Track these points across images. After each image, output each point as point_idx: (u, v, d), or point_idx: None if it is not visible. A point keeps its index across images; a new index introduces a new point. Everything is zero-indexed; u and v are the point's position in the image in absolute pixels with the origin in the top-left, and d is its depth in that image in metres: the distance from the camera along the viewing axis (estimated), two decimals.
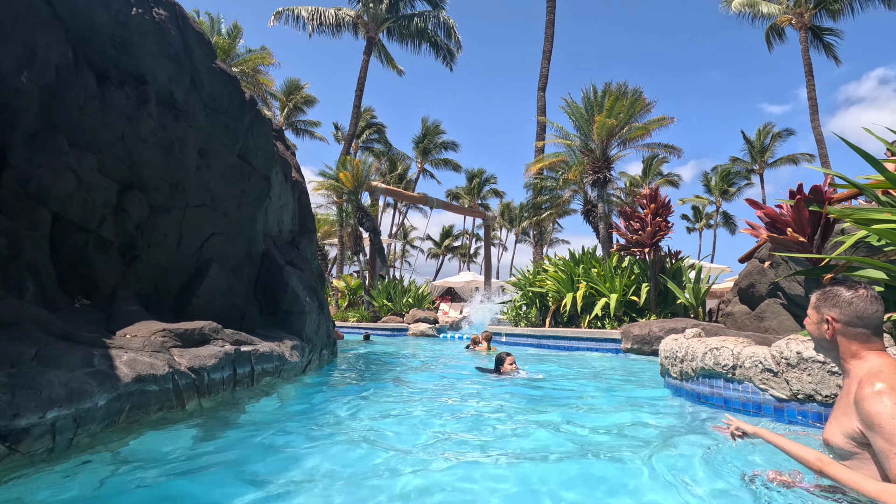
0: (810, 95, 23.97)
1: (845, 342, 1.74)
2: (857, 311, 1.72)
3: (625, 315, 9.71)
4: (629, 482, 2.01)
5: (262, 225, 5.58)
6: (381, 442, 2.61)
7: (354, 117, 22.67)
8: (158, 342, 3.18)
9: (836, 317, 1.74)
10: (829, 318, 1.76)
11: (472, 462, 2.23)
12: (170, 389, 2.89)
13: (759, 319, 8.09)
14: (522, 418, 3.25)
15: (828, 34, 26.22)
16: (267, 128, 5.55)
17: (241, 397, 3.60)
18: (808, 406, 2.86)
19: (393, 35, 24.37)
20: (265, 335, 4.64)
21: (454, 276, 37.61)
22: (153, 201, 4.25)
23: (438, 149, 44.71)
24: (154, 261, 4.25)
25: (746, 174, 42.68)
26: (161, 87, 4.35)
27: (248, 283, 5.29)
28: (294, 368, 4.63)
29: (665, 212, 9.41)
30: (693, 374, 3.56)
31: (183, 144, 4.48)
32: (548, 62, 17.31)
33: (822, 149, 23.12)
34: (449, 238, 60.21)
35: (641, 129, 11.07)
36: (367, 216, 16.85)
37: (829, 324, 1.76)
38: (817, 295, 1.82)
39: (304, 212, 7.39)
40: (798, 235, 3.46)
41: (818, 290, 1.84)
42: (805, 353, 2.86)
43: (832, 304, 1.77)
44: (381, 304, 16.07)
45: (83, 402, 2.21)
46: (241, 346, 3.84)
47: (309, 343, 5.31)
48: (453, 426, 3.01)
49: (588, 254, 10.71)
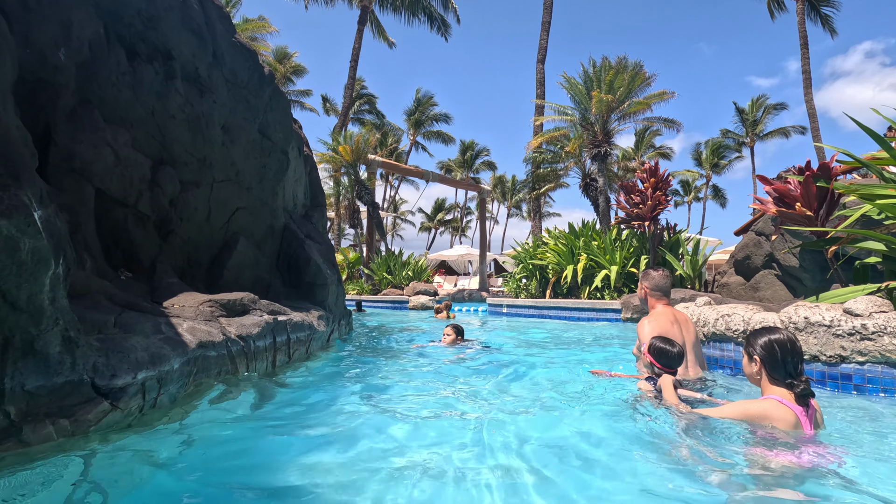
0: (805, 68, 24.07)
1: (650, 299, 3.33)
2: (656, 282, 3.28)
3: (624, 286, 10.04)
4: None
5: (281, 200, 5.70)
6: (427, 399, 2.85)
7: (349, 88, 22.36)
8: (207, 312, 3.35)
9: (647, 285, 3.33)
10: (644, 286, 3.35)
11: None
12: (225, 355, 3.08)
13: (755, 290, 8.46)
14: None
15: (825, 5, 26.15)
16: (285, 102, 5.61)
17: (280, 364, 3.82)
18: (813, 366, 3.14)
19: (386, 5, 23.83)
20: (292, 306, 4.83)
21: (448, 250, 37.89)
22: (183, 177, 4.34)
23: (431, 121, 44.26)
24: (186, 235, 4.38)
25: (737, 147, 43.00)
26: (186, 63, 4.39)
27: (270, 256, 5.45)
28: (321, 338, 4.85)
29: (665, 186, 9.63)
30: (704, 339, 3.83)
31: (209, 120, 4.54)
32: (547, 33, 17.14)
33: (815, 122, 23.40)
34: (441, 211, 60.20)
35: (642, 104, 11.17)
36: (366, 189, 16.88)
37: (644, 289, 3.36)
38: (642, 274, 3.40)
39: (314, 186, 7.49)
40: (806, 210, 3.70)
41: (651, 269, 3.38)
42: (812, 318, 3.13)
43: (645, 278, 3.36)
44: (381, 277, 16.28)
45: (163, 365, 2.40)
46: (277, 315, 4.03)
47: (331, 313, 5.52)
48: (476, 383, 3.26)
49: (589, 227, 10.95)
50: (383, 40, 25.27)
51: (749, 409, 2.05)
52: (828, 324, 3.06)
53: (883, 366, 2.89)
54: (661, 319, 3.09)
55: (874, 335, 2.89)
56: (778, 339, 2.08)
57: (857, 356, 2.96)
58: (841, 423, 2.34)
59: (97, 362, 2.09)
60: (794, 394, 1.98)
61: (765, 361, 2.09)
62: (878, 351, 2.88)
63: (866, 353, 2.92)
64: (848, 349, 2.99)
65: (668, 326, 3.02)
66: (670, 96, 10.85)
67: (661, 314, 3.15)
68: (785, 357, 2.04)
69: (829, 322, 3.06)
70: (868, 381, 2.94)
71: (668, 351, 2.63)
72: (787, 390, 2.01)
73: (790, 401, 1.98)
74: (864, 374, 2.95)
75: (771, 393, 2.05)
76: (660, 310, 3.20)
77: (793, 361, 2.03)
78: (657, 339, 2.70)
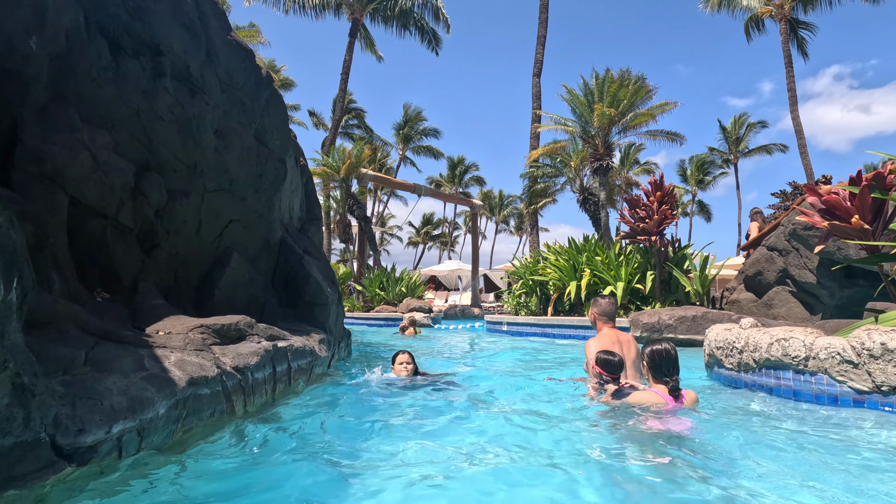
0: (790, 86, 24.45)
1: (599, 323, 3.85)
2: (603, 308, 3.86)
3: (630, 303, 9.71)
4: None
5: (278, 212, 5.25)
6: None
7: (339, 101, 22.03)
8: (199, 339, 2.88)
9: (596, 311, 3.89)
10: (594, 312, 3.91)
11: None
12: (220, 392, 2.61)
13: (768, 307, 8.18)
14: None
15: (803, 28, 26.72)
16: (283, 107, 5.20)
17: (279, 397, 3.34)
18: (893, 398, 2.79)
19: (377, 17, 23.69)
20: (291, 329, 4.36)
21: (438, 265, 37.51)
22: (171, 185, 3.89)
23: (420, 136, 44.16)
24: (174, 250, 3.91)
25: (723, 163, 43.64)
26: (176, 60, 3.97)
27: (266, 273, 4.98)
28: (323, 363, 4.38)
29: (671, 199, 9.39)
30: (755, 365, 3.46)
31: (200, 123, 4.11)
32: (542, 47, 17.07)
33: (801, 139, 23.69)
34: (429, 226, 59.92)
35: (646, 115, 10.99)
36: (358, 203, 16.43)
37: (593, 314, 3.91)
38: (592, 301, 3.98)
39: (310, 198, 7.05)
40: (862, 223, 3.38)
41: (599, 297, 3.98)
42: (890, 345, 2.78)
43: (595, 305, 3.94)
44: (374, 294, 15.76)
45: (146, 411, 1.93)
46: (276, 341, 3.56)
47: (332, 336, 5.05)
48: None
49: (592, 242, 10.65)
50: (372, 53, 25.07)
51: (641, 397, 2.85)
52: None
53: None
54: (605, 340, 3.65)
55: None
56: (657, 350, 2.86)
57: None
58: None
59: (60, 414, 1.62)
60: (668, 388, 2.79)
61: (649, 366, 2.89)
62: None
63: None
64: None
65: (611, 345, 3.56)
66: (673, 106, 10.68)
67: (606, 335, 3.71)
68: (661, 363, 2.83)
69: None
70: None
71: (611, 360, 3.20)
72: (664, 386, 2.81)
73: (665, 392, 2.79)
74: None
75: (654, 386, 2.87)
76: (605, 331, 3.77)
77: (667, 367, 2.82)
78: (601, 353, 3.28)
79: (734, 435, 2.49)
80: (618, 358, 3.20)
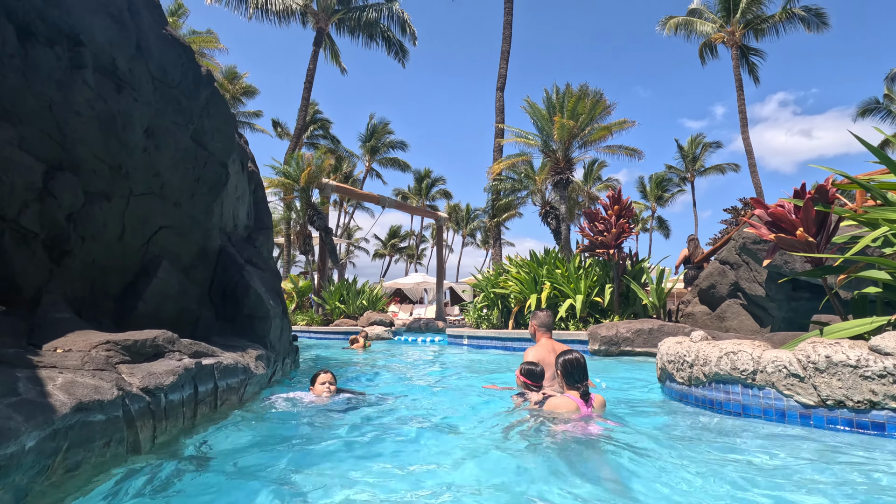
0: (741, 108, 25.68)
1: (538, 333, 4.17)
2: (542, 320, 4.19)
3: (588, 316, 9.71)
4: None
5: (218, 219, 4.92)
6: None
7: (303, 110, 21.63)
8: (101, 357, 2.56)
9: (536, 323, 4.20)
10: (533, 324, 4.22)
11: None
12: (120, 418, 2.30)
13: (721, 319, 8.31)
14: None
15: (753, 54, 28.20)
16: (225, 108, 4.91)
17: (203, 421, 3.03)
18: (838, 412, 2.74)
19: (343, 28, 23.51)
20: (225, 344, 4.04)
21: (404, 278, 37.14)
22: (89, 186, 3.54)
23: (387, 148, 43.99)
24: (90, 257, 3.55)
25: (680, 181, 45.34)
26: (100, 52, 3.65)
27: (201, 284, 4.63)
28: (260, 381, 4.06)
29: (628, 213, 9.51)
30: (705, 379, 3.39)
31: (127, 121, 3.79)
32: (506, 62, 17.29)
33: (752, 158, 24.83)
34: (395, 238, 59.52)
35: (604, 130, 11.18)
36: (319, 214, 16.01)
37: (533, 326, 4.21)
38: (532, 314, 4.33)
39: (260, 206, 6.72)
40: (807, 236, 3.39)
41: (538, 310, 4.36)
42: (835, 357, 2.74)
43: (534, 317, 4.26)
44: (334, 307, 15.31)
45: (5, 446, 1.63)
46: (201, 358, 3.25)
47: (273, 351, 4.73)
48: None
49: (552, 255, 10.65)
50: (336, 64, 24.83)
51: (557, 402, 3.08)
52: (854, 364, 2.68)
53: None
54: (541, 349, 3.92)
55: None
56: (569, 359, 3.14)
57: (891, 402, 2.57)
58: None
59: None
60: (579, 393, 3.07)
61: (563, 374, 3.14)
62: None
63: None
64: (879, 394, 2.60)
65: (546, 354, 3.80)
66: (630, 125, 10.95)
67: (543, 345, 3.99)
68: (573, 371, 3.11)
69: (854, 362, 2.67)
70: None
71: (534, 370, 3.53)
72: (576, 392, 3.08)
73: (577, 397, 3.06)
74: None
75: (568, 392, 3.12)
76: (543, 342, 4.05)
77: (577, 374, 3.11)
78: (525, 364, 3.60)
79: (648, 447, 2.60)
80: (540, 368, 3.55)
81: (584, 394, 3.08)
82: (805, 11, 25.12)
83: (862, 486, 1.94)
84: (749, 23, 26.02)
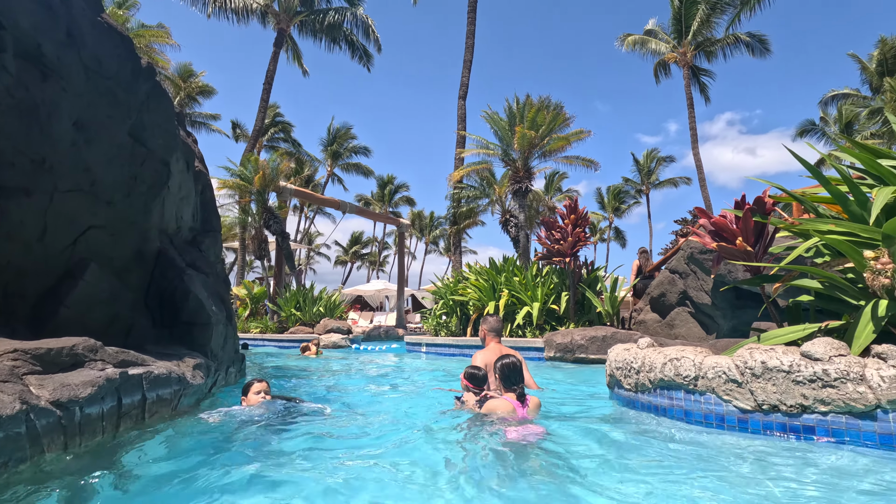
0: (691, 125, 26.90)
1: (487, 338, 4.33)
2: (491, 325, 4.36)
3: (545, 324, 9.81)
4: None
5: (157, 219, 4.65)
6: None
7: (262, 111, 21.08)
8: (6, 368, 2.32)
9: (486, 328, 4.37)
10: (483, 328, 4.37)
11: None
12: (22, 435, 2.08)
13: (670, 327, 8.57)
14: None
15: (704, 74, 29.65)
16: (168, 104, 4.66)
17: (126, 435, 2.80)
18: (773, 416, 2.82)
19: (306, 29, 23.14)
20: (160, 353, 3.79)
21: (365, 284, 36.62)
22: (6, 180, 3.26)
23: (349, 153, 43.50)
24: (4, 258, 3.25)
25: (636, 194, 47.02)
26: (23, 36, 3.38)
27: (137, 288, 4.34)
28: (197, 392, 3.83)
29: (584, 223, 9.70)
30: (651, 385, 3.44)
31: (52, 112, 3.52)
32: (468, 72, 17.45)
33: (701, 173, 26.01)
34: (357, 245, 58.79)
35: (562, 140, 11.42)
36: (275, 218, 15.55)
37: (483, 330, 4.37)
38: (482, 319, 4.48)
39: (207, 207, 6.42)
40: (746, 245, 3.51)
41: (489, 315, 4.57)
42: (770, 363, 2.82)
43: (484, 322, 4.41)
44: (289, 314, 14.86)
45: None
46: (128, 367, 3.02)
47: (215, 360, 4.49)
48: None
49: (511, 262, 10.73)
50: (299, 66, 24.39)
51: (495, 404, 3.19)
52: (787, 369, 2.76)
53: (847, 416, 2.61)
54: (488, 353, 4.03)
55: (837, 382, 2.62)
56: (506, 363, 3.32)
57: (820, 405, 2.67)
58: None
59: None
60: (516, 395, 3.22)
61: (500, 377, 3.33)
62: (843, 400, 2.60)
63: (829, 401, 2.64)
64: (810, 398, 2.69)
65: (492, 358, 3.82)
66: (587, 135, 11.24)
67: (491, 349, 4.11)
68: (510, 374, 3.29)
69: (787, 367, 2.76)
70: (833, 433, 2.64)
71: (476, 374, 3.63)
72: (513, 394, 3.24)
73: (514, 399, 3.21)
74: (829, 426, 2.66)
75: (505, 394, 3.28)
76: (492, 346, 4.20)
77: (513, 377, 3.28)
78: (469, 368, 3.68)
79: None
80: (483, 372, 3.65)
81: (521, 395, 3.24)
82: (749, 37, 26.67)
83: (768, 489, 1.99)
84: (699, 45, 27.36)
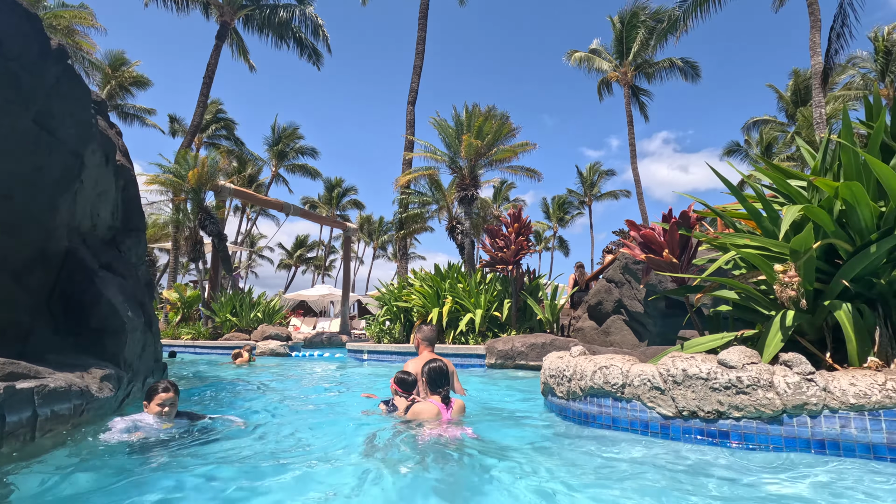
0: (631, 141, 28.29)
1: (421, 347, 4.47)
2: (425, 335, 4.47)
3: (488, 330, 9.89)
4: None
5: (67, 216, 4.24)
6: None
7: (200, 106, 20.05)
8: None
9: (420, 337, 4.48)
10: (417, 337, 4.50)
11: None
12: None
13: (606, 334, 8.87)
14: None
15: (643, 94, 31.31)
16: (82, 91, 4.28)
17: (8, 456, 2.49)
18: (692, 422, 2.93)
19: (251, 24, 22.32)
20: (62, 363, 3.43)
21: (308, 289, 35.59)
22: None
23: (296, 154, 42.32)
24: None
25: (579, 205, 48.83)
26: None
27: (38, 292, 3.93)
28: (105, 405, 3.49)
29: (527, 231, 9.90)
30: (581, 393, 3.50)
31: None
32: (418, 77, 17.43)
33: (639, 187, 27.39)
34: (302, 248, 57.18)
35: (508, 151, 11.64)
36: (212, 219, 14.77)
37: (417, 339, 4.50)
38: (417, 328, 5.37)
39: (130, 205, 5.96)
40: (672, 257, 3.66)
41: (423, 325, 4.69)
42: (690, 371, 2.94)
43: (419, 331, 4.51)
44: (224, 319, 14.13)
45: None
46: (17, 381, 2.70)
47: (129, 370, 4.13)
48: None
49: (455, 269, 10.75)
50: (245, 61, 23.48)
51: (421, 407, 3.32)
52: (705, 376, 2.89)
53: (758, 421, 2.76)
54: (419, 361, 4.11)
55: (749, 388, 2.76)
56: (432, 368, 3.51)
57: (734, 411, 2.80)
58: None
59: None
60: (440, 398, 3.38)
61: (427, 381, 3.49)
62: (754, 406, 2.74)
63: (742, 408, 2.78)
64: (725, 404, 2.82)
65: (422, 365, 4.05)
66: (532, 147, 11.54)
67: (422, 357, 4.26)
68: (436, 378, 3.47)
69: (706, 375, 2.89)
70: (745, 438, 2.78)
71: (405, 379, 3.70)
72: (437, 396, 3.40)
73: (438, 402, 3.36)
74: (741, 431, 2.79)
75: (431, 398, 3.43)
76: (424, 354, 4.36)
77: (439, 380, 3.46)
78: (399, 373, 3.76)
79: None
80: (412, 378, 3.74)
81: (445, 398, 3.40)
82: (683, 63, 28.50)
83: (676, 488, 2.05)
84: (639, 66, 28.90)
